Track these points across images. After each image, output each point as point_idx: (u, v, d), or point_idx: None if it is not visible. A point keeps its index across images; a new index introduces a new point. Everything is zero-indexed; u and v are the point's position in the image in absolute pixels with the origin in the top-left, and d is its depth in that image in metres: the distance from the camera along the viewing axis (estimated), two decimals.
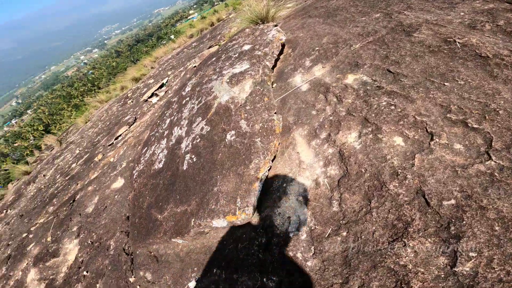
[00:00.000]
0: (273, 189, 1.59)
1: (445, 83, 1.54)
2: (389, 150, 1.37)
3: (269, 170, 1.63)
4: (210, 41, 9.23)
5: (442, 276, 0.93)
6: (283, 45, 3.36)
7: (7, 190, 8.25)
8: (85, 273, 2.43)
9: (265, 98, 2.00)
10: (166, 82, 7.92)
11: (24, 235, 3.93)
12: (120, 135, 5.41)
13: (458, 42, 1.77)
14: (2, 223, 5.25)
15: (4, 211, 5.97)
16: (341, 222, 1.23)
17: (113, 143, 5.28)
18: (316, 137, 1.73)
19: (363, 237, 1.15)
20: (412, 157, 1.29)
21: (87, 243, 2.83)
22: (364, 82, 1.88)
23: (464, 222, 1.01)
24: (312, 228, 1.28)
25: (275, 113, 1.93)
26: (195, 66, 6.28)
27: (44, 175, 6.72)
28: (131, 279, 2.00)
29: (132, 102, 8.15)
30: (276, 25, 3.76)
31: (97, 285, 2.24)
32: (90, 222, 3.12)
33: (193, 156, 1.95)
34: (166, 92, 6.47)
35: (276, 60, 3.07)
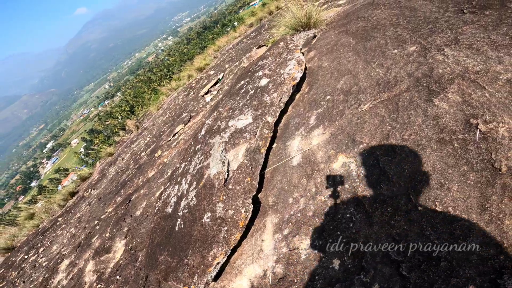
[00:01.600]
0: (235, 266, 1.83)
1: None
2: (321, 272, 1.38)
3: (227, 257, 1.83)
4: (266, 32, 9.27)
5: None
6: (304, 77, 3.24)
7: (95, 168, 9.41)
8: (118, 277, 2.86)
9: (247, 179, 2.10)
10: (222, 78, 8.49)
11: (96, 222, 4.50)
12: (177, 132, 6.01)
13: (479, 131, 1.43)
14: (86, 202, 6.08)
15: (90, 190, 6.91)
16: None
17: (170, 139, 5.98)
18: (280, 231, 1.79)
19: None
20: None
21: (129, 247, 3.16)
22: (348, 173, 1.75)
23: None
24: None
25: (252, 198, 2.02)
26: (244, 67, 6.50)
27: (122, 159, 7.61)
28: None
29: (194, 94, 9.00)
30: (301, 48, 3.58)
31: None
32: (134, 228, 3.81)
33: (182, 222, 2.28)
34: (218, 91, 6.94)
35: (289, 102, 3.02)
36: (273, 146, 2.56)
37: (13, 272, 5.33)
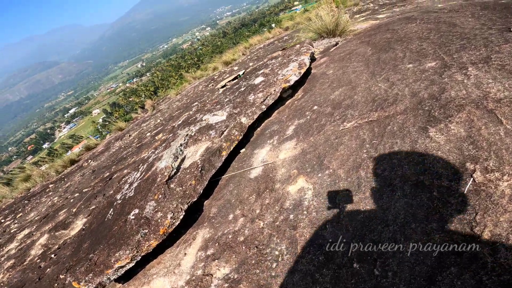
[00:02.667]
0: (148, 274, 1.65)
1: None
2: None
3: (137, 264, 1.59)
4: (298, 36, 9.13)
5: None
6: (303, 82, 2.95)
7: (103, 141, 9.46)
8: (53, 255, 2.70)
9: (192, 181, 1.85)
10: (242, 74, 8.38)
11: (76, 194, 4.39)
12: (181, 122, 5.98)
13: (473, 180, 1.07)
14: (81, 173, 6.05)
15: (90, 160, 6.92)
16: None
17: (175, 125, 5.91)
18: (205, 250, 1.54)
19: None
20: None
21: (85, 227, 2.97)
22: (300, 202, 1.43)
23: None
24: None
25: (191, 204, 1.76)
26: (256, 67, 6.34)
27: (129, 135, 7.54)
28: (62, 276, 2.32)
29: (212, 86, 9.00)
30: (312, 54, 3.29)
31: (47, 270, 2.48)
32: (101, 206, 3.66)
33: (112, 213, 2.07)
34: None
35: (278, 106, 2.73)
36: (241, 151, 2.29)
37: None
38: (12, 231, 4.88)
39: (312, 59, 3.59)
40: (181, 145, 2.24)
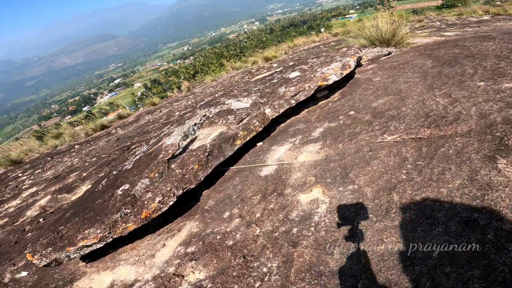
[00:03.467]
0: (117, 258, 1.51)
1: None
2: None
3: (109, 246, 1.44)
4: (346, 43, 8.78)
5: None
6: (342, 84, 2.66)
7: (136, 112, 10.23)
8: (41, 220, 2.66)
9: (195, 165, 1.67)
10: (279, 71, 8.22)
11: (94, 159, 4.45)
12: None
13: None
14: (107, 139, 6.16)
15: (118, 129, 7.04)
16: None
17: (196, 106, 5.95)
18: (186, 246, 1.35)
19: None
20: None
21: (87, 194, 3.34)
22: (310, 215, 1.18)
23: None
24: None
25: (188, 190, 1.58)
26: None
27: (160, 111, 7.70)
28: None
29: (248, 78, 8.96)
30: (359, 58, 2.97)
31: (28, 235, 2.45)
32: (101, 176, 3.62)
33: (104, 184, 1.97)
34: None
35: (309, 105, 2.47)
36: (258, 144, 2.08)
37: None
38: (22, 188, 5.02)
39: (358, 64, 3.27)
40: (195, 124, 2.08)
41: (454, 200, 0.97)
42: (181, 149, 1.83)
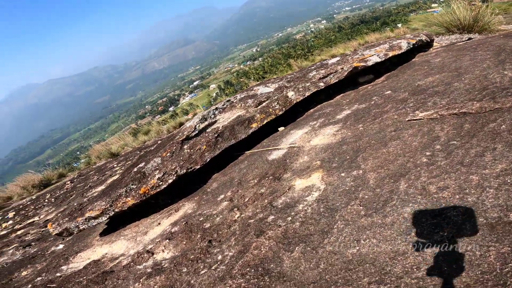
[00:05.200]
0: (121, 234, 1.53)
1: None
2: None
3: (114, 221, 1.53)
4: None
5: None
6: (389, 68, 2.24)
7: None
8: (94, 191, 3.26)
9: (203, 146, 1.61)
10: None
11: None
12: None
13: None
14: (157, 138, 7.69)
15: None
16: None
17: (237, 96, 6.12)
18: (173, 225, 1.30)
19: None
20: None
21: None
22: (296, 202, 0.97)
23: None
24: None
25: (188, 170, 1.52)
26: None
27: None
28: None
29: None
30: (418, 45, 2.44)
31: (72, 203, 3.07)
32: (137, 156, 3.91)
33: (130, 163, 2.09)
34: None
35: (348, 89, 2.15)
36: (280, 129, 1.91)
37: (95, 176, 6.80)
38: (112, 174, 5.83)
39: (422, 49, 2.75)
40: (216, 108, 2.04)
41: (484, 192, 0.67)
42: (197, 131, 1.81)
